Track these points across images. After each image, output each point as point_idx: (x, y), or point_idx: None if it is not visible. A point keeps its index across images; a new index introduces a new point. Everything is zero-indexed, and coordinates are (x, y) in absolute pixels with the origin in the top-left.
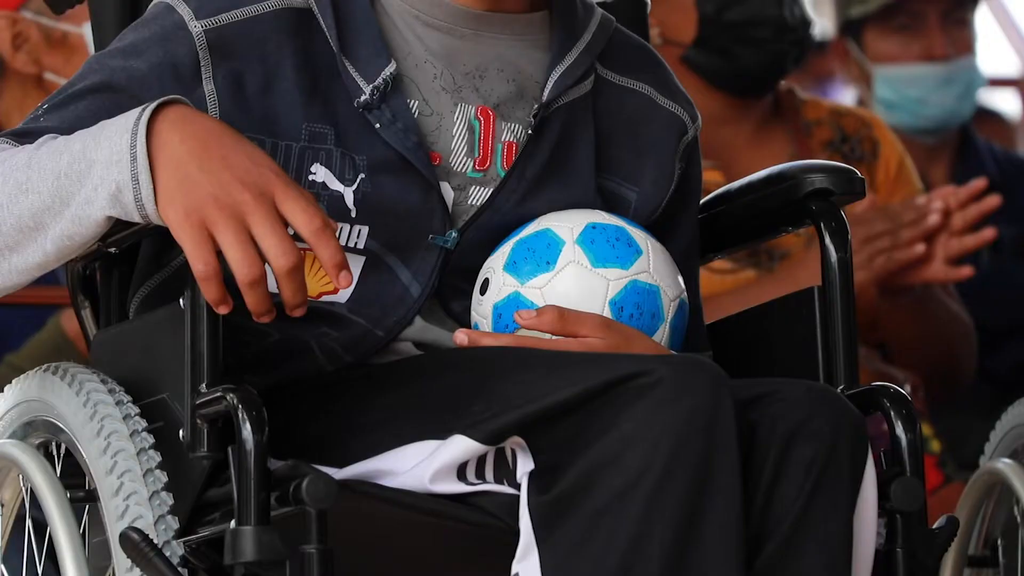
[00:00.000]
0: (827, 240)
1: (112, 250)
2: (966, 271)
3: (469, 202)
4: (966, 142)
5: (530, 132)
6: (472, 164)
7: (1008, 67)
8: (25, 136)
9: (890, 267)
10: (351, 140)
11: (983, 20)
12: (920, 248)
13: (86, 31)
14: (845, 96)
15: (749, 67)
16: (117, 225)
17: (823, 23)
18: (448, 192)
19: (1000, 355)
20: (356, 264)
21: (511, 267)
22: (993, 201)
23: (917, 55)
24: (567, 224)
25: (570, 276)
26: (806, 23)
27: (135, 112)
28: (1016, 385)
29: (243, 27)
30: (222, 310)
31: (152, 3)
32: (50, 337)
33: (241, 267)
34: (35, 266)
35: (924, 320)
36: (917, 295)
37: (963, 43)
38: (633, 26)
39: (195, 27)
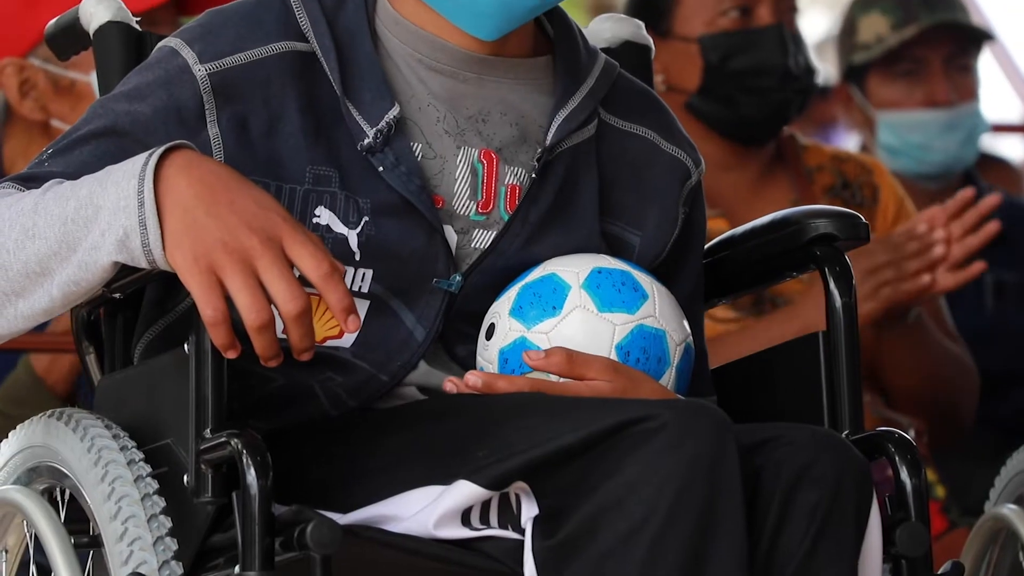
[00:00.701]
0: (831, 285)
1: (116, 295)
2: (979, 267)
3: (472, 245)
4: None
5: (534, 176)
6: (475, 207)
7: (1012, 113)
8: (31, 180)
9: (896, 298)
10: (355, 183)
11: (986, 66)
12: (926, 279)
13: (93, 79)
14: (848, 142)
15: (752, 115)
16: (122, 271)
17: (826, 69)
18: (451, 235)
19: (1004, 401)
20: (361, 308)
21: (517, 312)
22: (992, 201)
23: (920, 101)
24: (573, 269)
25: (576, 321)
26: (810, 71)
27: (142, 157)
28: (1020, 431)
29: (247, 70)
30: (231, 355)
31: (156, 47)
32: (19, 377)
33: (250, 312)
34: (41, 312)
35: (920, 358)
36: (910, 327)
37: (966, 89)
38: (637, 72)
39: (199, 71)
